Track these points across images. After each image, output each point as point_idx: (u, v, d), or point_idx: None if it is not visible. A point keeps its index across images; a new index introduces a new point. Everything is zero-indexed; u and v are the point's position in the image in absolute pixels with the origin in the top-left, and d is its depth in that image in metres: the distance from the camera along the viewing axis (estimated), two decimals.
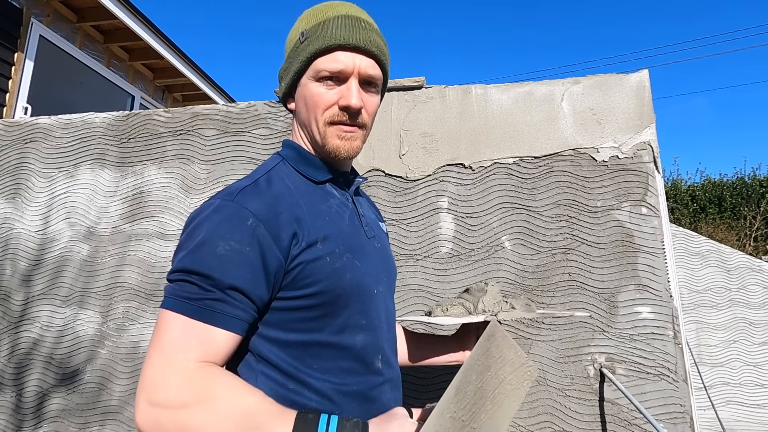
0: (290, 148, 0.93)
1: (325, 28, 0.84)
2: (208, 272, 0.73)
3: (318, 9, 0.88)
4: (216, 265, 0.73)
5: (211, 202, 0.81)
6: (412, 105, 1.97)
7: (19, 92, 4.20)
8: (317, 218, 0.84)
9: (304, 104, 0.88)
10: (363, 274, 0.86)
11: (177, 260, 0.77)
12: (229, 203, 0.78)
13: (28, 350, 2.11)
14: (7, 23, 4.05)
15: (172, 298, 0.74)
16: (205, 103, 5.54)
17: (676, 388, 1.54)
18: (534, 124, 1.84)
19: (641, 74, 1.79)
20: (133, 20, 4.74)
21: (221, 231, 0.75)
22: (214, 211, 0.78)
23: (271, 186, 0.84)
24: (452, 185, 1.88)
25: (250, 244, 0.75)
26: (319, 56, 0.84)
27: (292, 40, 0.90)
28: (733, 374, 4.33)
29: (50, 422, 2.02)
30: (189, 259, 0.75)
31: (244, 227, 0.76)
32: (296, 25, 0.90)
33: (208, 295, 0.72)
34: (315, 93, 0.85)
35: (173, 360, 0.70)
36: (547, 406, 1.63)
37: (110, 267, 2.12)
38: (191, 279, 0.73)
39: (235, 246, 0.74)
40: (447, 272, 1.81)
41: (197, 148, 2.16)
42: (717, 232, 9.78)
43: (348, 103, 0.84)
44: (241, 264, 0.74)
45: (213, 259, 0.73)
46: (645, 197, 1.69)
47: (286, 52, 0.92)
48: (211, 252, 0.74)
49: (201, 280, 0.73)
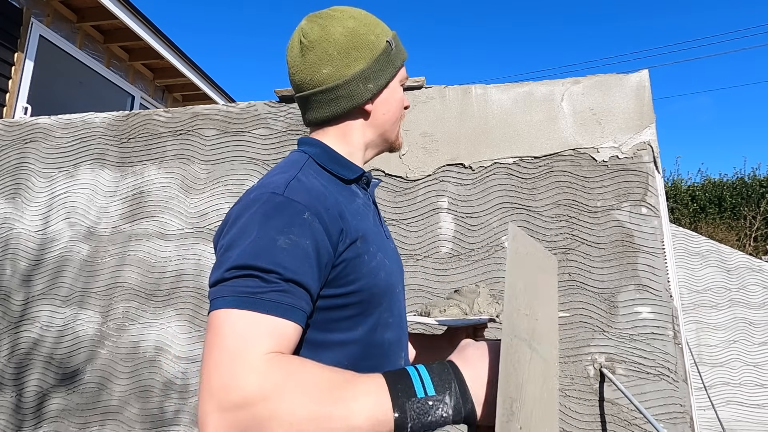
0: (316, 146, 0.92)
1: (399, 42, 0.96)
2: (270, 266, 0.70)
3: (378, 19, 0.97)
4: (278, 259, 0.71)
5: (257, 196, 0.77)
6: (412, 105, 1.97)
7: (19, 92, 4.20)
8: (353, 217, 0.84)
9: (396, 105, 0.96)
10: (390, 273, 0.88)
11: (231, 257, 0.72)
12: (280, 197, 0.76)
13: (28, 350, 2.11)
14: (7, 23, 4.05)
15: (232, 296, 0.69)
16: (205, 103, 5.55)
17: (676, 388, 1.54)
18: (534, 124, 1.84)
19: (641, 74, 1.79)
20: (133, 20, 4.75)
21: (278, 225, 0.73)
22: (265, 205, 0.76)
23: (311, 182, 0.84)
24: (452, 185, 1.88)
25: (308, 238, 0.74)
26: (403, 65, 0.96)
27: (372, 43, 0.92)
28: (733, 374, 4.33)
29: (50, 422, 2.02)
30: (247, 254, 0.71)
31: (300, 221, 0.75)
32: (366, 28, 0.92)
33: (273, 287, 0.69)
34: (402, 96, 0.97)
35: (244, 357, 0.64)
36: None
37: (110, 267, 2.12)
38: (253, 273, 0.70)
39: (294, 240, 0.73)
40: (447, 272, 1.81)
41: (197, 148, 2.16)
42: (717, 232, 9.78)
43: (408, 104, 0.99)
44: (301, 258, 0.72)
45: (274, 252, 0.71)
46: (645, 197, 1.69)
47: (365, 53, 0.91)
48: (271, 246, 0.72)
49: (264, 274, 0.70)
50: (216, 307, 0.69)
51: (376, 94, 0.93)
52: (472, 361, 0.69)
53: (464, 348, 0.73)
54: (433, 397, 0.64)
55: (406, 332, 0.96)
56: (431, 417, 0.63)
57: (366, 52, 0.90)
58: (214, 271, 0.74)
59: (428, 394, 0.64)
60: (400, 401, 0.63)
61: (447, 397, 0.64)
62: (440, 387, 0.65)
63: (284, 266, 0.70)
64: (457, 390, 0.65)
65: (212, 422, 0.62)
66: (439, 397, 0.64)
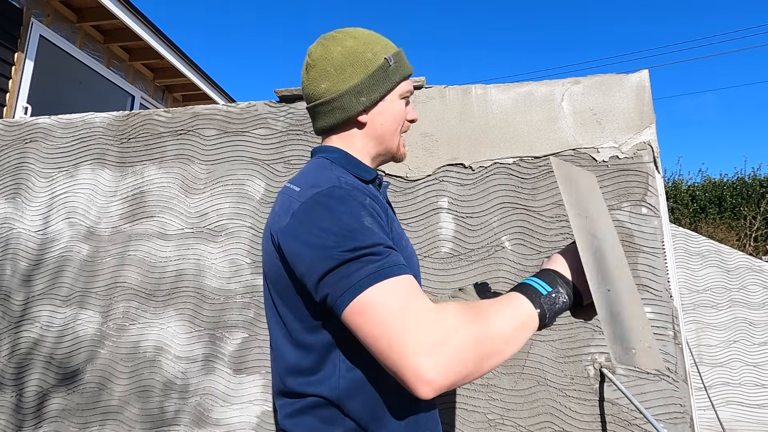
0: (335, 152, 1.02)
1: (402, 58, 1.04)
2: (374, 241, 0.79)
3: (381, 38, 1.04)
4: (374, 235, 0.80)
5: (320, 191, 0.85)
6: (412, 105, 1.97)
7: (19, 92, 4.20)
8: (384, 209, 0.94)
9: (393, 118, 1.03)
10: (416, 264, 1.02)
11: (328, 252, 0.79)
12: (339, 189, 0.86)
13: (28, 350, 2.11)
14: (7, 23, 4.05)
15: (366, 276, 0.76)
16: (205, 103, 5.54)
17: (676, 388, 1.54)
18: (534, 124, 1.84)
19: (641, 74, 1.79)
20: (133, 20, 4.75)
21: (356, 210, 0.83)
22: (331, 198, 0.84)
23: (349, 179, 0.93)
24: (452, 185, 1.88)
25: (378, 217, 0.85)
26: (404, 79, 1.04)
27: (369, 60, 1.00)
28: (733, 374, 4.33)
29: (50, 422, 2.02)
30: (345, 240, 0.79)
31: (366, 205, 0.85)
32: (366, 47, 1.01)
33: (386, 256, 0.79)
34: (401, 109, 1.04)
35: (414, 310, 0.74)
36: (547, 406, 1.63)
37: (110, 267, 2.12)
38: (362, 253, 0.78)
39: (371, 219, 0.83)
40: (447, 272, 1.81)
41: (197, 148, 2.16)
42: (717, 232, 9.78)
43: (415, 117, 1.08)
44: (383, 232, 0.83)
45: (368, 231, 0.80)
46: (645, 197, 1.69)
47: (356, 68, 1.00)
48: (363, 226, 0.80)
49: (373, 248, 0.78)
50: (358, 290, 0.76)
51: (369, 107, 1.01)
52: (559, 263, 0.88)
53: (547, 261, 0.91)
54: (553, 291, 0.83)
55: None
56: (557, 305, 0.83)
57: (360, 68, 1.00)
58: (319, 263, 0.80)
59: (549, 291, 0.83)
60: (537, 301, 0.81)
61: (560, 288, 0.84)
62: (552, 284, 0.84)
63: (381, 237, 0.81)
64: (562, 282, 0.85)
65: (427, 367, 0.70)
66: (556, 290, 0.83)
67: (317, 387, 0.87)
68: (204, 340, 1.98)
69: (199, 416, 1.91)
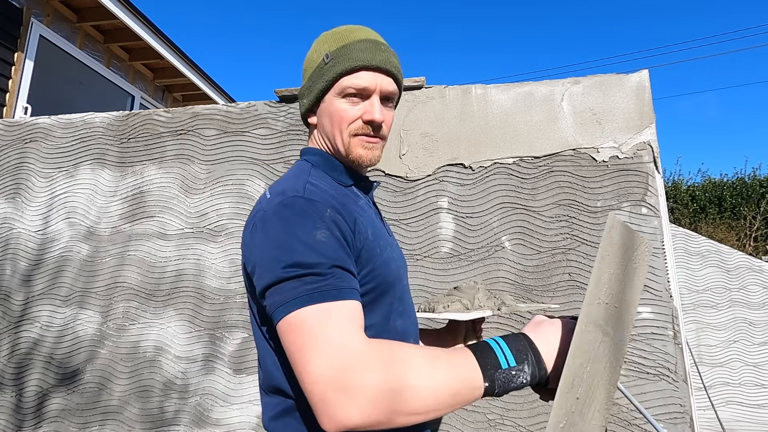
0: (317, 155, 1.00)
1: (349, 51, 0.94)
2: (319, 260, 0.75)
3: (339, 33, 0.98)
4: (323, 252, 0.76)
5: (283, 201, 0.83)
6: (412, 105, 1.97)
7: (19, 92, 4.20)
8: (360, 215, 0.91)
9: (330, 119, 0.96)
10: (399, 266, 0.97)
11: (278, 260, 0.76)
12: (300, 199, 0.82)
13: (28, 350, 2.11)
14: (7, 23, 4.05)
15: (301, 296, 0.73)
16: (205, 103, 5.54)
17: (676, 388, 1.54)
18: (534, 124, 1.84)
19: (641, 74, 1.79)
20: (133, 20, 4.74)
21: (311, 222, 0.79)
22: (293, 208, 0.81)
23: (321, 185, 0.90)
24: (452, 185, 1.88)
25: (337, 230, 0.80)
26: (344, 75, 0.94)
27: (314, 61, 0.98)
28: (732, 374, 4.33)
29: (50, 422, 2.02)
30: (295, 253, 0.76)
31: (325, 217, 0.80)
32: (317, 47, 0.99)
33: (329, 277, 0.75)
34: (340, 108, 0.95)
35: (340, 342, 0.70)
36: (547, 406, 1.63)
37: (110, 267, 2.12)
38: (307, 271, 0.75)
39: (327, 233, 0.78)
40: (447, 272, 1.81)
41: (197, 148, 2.16)
42: (717, 232, 9.78)
43: (372, 118, 0.94)
44: (338, 248, 0.79)
45: (317, 247, 0.76)
46: (645, 197, 1.69)
47: (306, 72, 1.00)
48: (313, 242, 0.77)
49: (317, 268, 0.75)
50: (288, 310, 0.73)
51: (310, 108, 1.00)
52: (545, 334, 0.79)
53: (539, 323, 0.83)
54: (514, 368, 0.74)
55: (415, 323, 1.02)
56: (513, 384, 0.74)
57: (308, 70, 1.00)
58: (262, 276, 0.78)
59: (510, 365, 0.74)
60: (489, 372, 0.73)
61: (526, 367, 0.75)
62: (519, 358, 0.75)
63: (330, 257, 0.76)
64: (533, 360, 0.76)
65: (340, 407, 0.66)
66: (519, 367, 0.74)
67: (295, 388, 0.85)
68: (204, 340, 1.98)
69: (199, 416, 1.91)
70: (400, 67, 1.01)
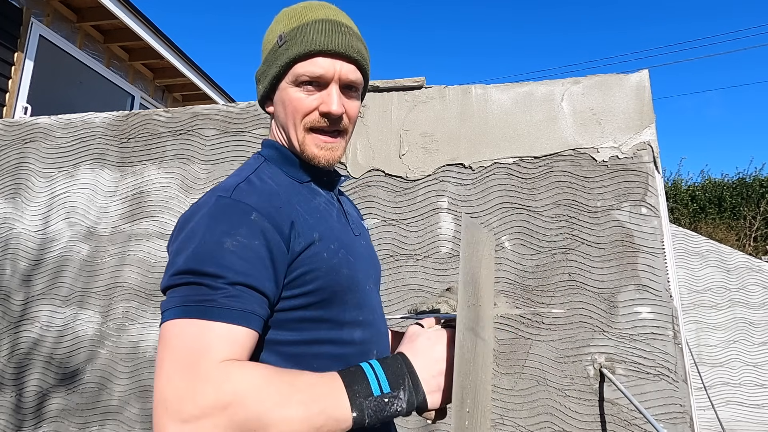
0: (272, 148, 0.91)
1: (304, 33, 0.83)
2: (217, 270, 0.68)
3: (295, 10, 0.87)
4: (226, 262, 0.69)
5: (205, 200, 0.77)
6: (412, 105, 1.97)
7: (19, 92, 4.20)
8: (309, 216, 0.82)
9: (284, 108, 0.87)
10: (356, 270, 0.86)
11: (178, 263, 0.71)
12: (227, 199, 0.75)
13: (28, 350, 2.11)
14: (7, 23, 4.05)
15: (181, 306, 0.67)
16: (205, 103, 5.54)
17: (676, 388, 1.54)
18: (534, 124, 1.84)
19: (641, 74, 1.79)
20: (133, 20, 4.74)
21: (225, 227, 0.71)
22: (212, 209, 0.74)
23: (264, 183, 0.82)
24: (452, 185, 1.88)
25: (258, 239, 0.72)
26: (298, 61, 0.83)
27: (269, 42, 0.88)
28: (732, 374, 4.33)
29: (50, 422, 2.02)
30: (193, 259, 0.69)
31: (248, 221, 0.72)
32: (273, 27, 0.89)
33: (221, 293, 0.67)
34: (294, 98, 0.85)
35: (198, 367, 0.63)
36: (547, 406, 1.63)
37: (110, 267, 2.12)
38: (199, 280, 0.68)
39: (242, 241, 0.70)
40: (447, 272, 1.81)
41: (197, 148, 2.16)
42: (717, 232, 9.78)
43: (329, 110, 0.83)
44: (251, 259, 0.70)
45: (221, 256, 0.69)
46: (645, 197, 1.69)
47: (263, 54, 0.90)
48: (218, 249, 0.69)
49: (211, 279, 0.68)
50: (165, 318, 0.67)
51: (266, 95, 0.90)
52: (423, 351, 0.73)
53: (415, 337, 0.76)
54: (388, 395, 0.67)
55: (381, 330, 0.93)
56: (387, 412, 0.66)
57: (264, 53, 0.90)
58: (163, 277, 0.72)
59: (383, 392, 0.66)
60: (357, 401, 0.65)
61: (401, 393, 0.67)
62: (395, 383, 0.68)
63: (233, 269, 0.68)
64: (410, 384, 0.68)
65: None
66: (393, 394, 0.67)
67: None
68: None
69: None
70: (366, 51, 0.89)
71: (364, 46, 0.90)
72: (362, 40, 0.89)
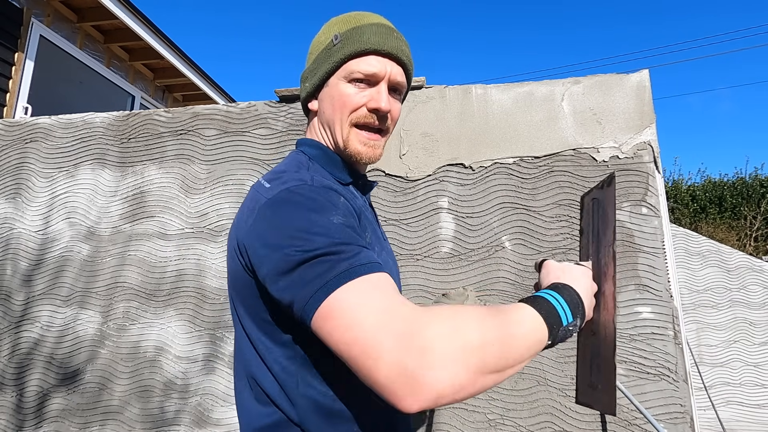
0: (316, 147, 0.93)
1: (360, 33, 0.87)
2: (342, 239, 0.70)
3: (351, 16, 0.92)
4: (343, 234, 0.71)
5: (288, 188, 0.77)
6: (413, 105, 1.97)
7: (19, 92, 4.20)
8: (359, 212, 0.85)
9: (331, 103, 0.89)
10: (392, 271, 0.89)
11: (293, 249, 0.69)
12: (310, 187, 0.77)
13: (28, 350, 2.11)
14: (7, 23, 4.05)
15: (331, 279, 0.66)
16: (206, 103, 5.55)
17: (676, 388, 1.54)
18: (534, 124, 1.84)
19: (641, 74, 1.79)
20: (133, 20, 4.75)
21: (324, 207, 0.74)
22: (300, 195, 0.75)
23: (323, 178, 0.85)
24: (452, 185, 1.88)
25: (351, 217, 0.77)
26: (353, 58, 0.87)
27: (321, 42, 0.92)
28: (733, 374, 4.33)
29: (51, 422, 2.02)
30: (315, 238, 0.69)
31: (339, 203, 0.77)
32: (326, 29, 0.93)
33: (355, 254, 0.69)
34: (345, 93, 0.88)
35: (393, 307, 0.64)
36: (547, 406, 1.63)
37: (111, 267, 2.12)
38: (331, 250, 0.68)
39: (343, 219, 0.74)
40: (447, 272, 1.81)
41: (197, 148, 2.16)
42: (717, 232, 9.78)
43: (378, 106, 0.87)
44: (354, 232, 0.74)
45: (336, 229, 0.71)
46: (645, 197, 1.69)
47: (312, 55, 0.93)
48: (330, 224, 0.72)
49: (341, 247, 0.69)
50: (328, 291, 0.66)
51: (313, 92, 0.93)
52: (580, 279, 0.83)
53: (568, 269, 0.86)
54: (572, 323, 0.76)
55: None
56: (567, 338, 0.76)
57: (313, 53, 0.93)
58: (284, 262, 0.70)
59: (569, 321, 0.75)
60: (553, 330, 0.72)
61: (579, 320, 0.77)
62: (576, 313, 0.77)
63: (351, 236, 0.72)
64: (582, 313, 0.79)
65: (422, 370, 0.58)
66: (575, 323, 0.76)
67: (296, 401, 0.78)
68: (204, 340, 1.98)
69: (199, 416, 1.91)
70: (412, 58, 0.95)
71: (411, 54, 0.95)
72: (409, 48, 0.94)
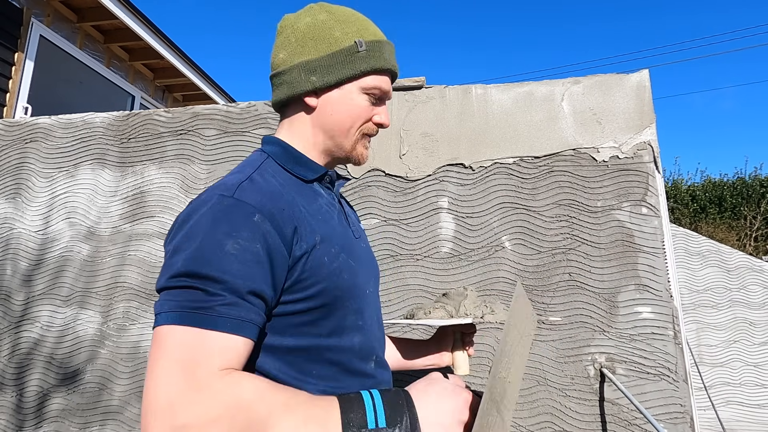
0: (276, 144, 0.92)
1: (381, 50, 0.90)
2: (217, 275, 0.66)
3: (364, 22, 0.91)
4: (225, 266, 0.67)
5: (205, 198, 0.75)
6: (412, 105, 1.97)
7: (19, 92, 4.20)
8: (312, 217, 0.81)
9: (347, 110, 0.90)
10: (357, 275, 0.85)
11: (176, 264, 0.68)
12: (229, 198, 0.73)
13: (28, 350, 2.11)
14: (7, 23, 4.05)
15: (177, 311, 0.65)
16: (205, 103, 5.55)
17: (677, 388, 1.54)
18: (534, 124, 1.84)
19: (641, 74, 1.79)
20: (133, 20, 4.75)
21: (226, 228, 0.69)
22: (213, 208, 0.72)
23: (267, 182, 0.81)
24: (452, 185, 1.88)
25: (259, 242, 0.70)
26: (374, 74, 0.90)
27: (336, 39, 0.88)
28: (733, 374, 4.33)
29: (51, 422, 2.02)
30: (192, 261, 0.67)
31: (250, 223, 0.70)
32: (341, 27, 0.89)
33: (220, 300, 0.66)
34: (361, 105, 0.90)
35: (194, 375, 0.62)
36: (547, 406, 1.63)
37: (111, 267, 2.12)
38: (197, 284, 0.66)
39: (243, 244, 0.68)
40: (447, 272, 1.81)
41: (197, 148, 2.16)
42: (717, 232, 9.78)
43: (385, 123, 0.93)
44: (251, 263, 0.69)
45: (221, 259, 0.67)
46: (645, 197, 1.69)
47: (318, 43, 0.89)
48: (218, 252, 0.67)
49: (209, 284, 0.66)
50: (160, 322, 0.66)
51: (320, 89, 0.89)
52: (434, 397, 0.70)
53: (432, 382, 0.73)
54: (383, 430, 0.64)
55: (379, 335, 0.93)
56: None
57: (322, 44, 0.88)
58: (160, 277, 0.70)
59: (378, 426, 0.64)
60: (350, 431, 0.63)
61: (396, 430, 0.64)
62: (392, 419, 0.65)
63: (232, 274, 0.67)
64: (408, 425, 0.65)
65: None
66: (389, 430, 0.64)
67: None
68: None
69: None
70: None
71: None
72: None
